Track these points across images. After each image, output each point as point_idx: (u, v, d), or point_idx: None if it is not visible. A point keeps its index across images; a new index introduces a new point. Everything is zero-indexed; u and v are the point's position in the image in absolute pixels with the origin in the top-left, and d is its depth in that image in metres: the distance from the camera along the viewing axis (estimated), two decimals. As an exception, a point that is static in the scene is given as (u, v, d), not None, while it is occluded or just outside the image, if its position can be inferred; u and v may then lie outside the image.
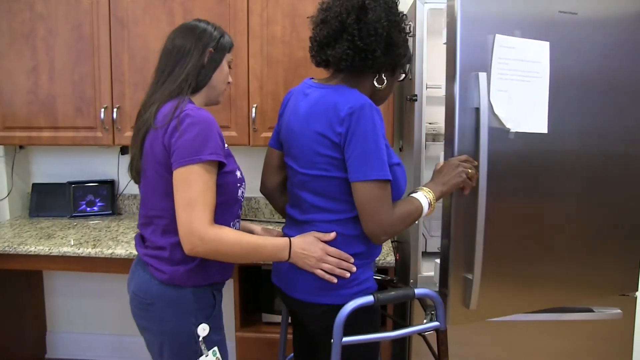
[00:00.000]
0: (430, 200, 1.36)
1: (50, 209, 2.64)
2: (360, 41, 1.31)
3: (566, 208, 1.65)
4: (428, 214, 1.38)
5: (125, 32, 2.27)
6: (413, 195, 1.37)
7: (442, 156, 1.57)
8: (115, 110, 2.30)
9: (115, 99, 2.31)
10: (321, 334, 1.39)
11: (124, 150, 2.64)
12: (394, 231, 1.33)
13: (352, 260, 1.36)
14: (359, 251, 1.38)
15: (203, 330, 1.36)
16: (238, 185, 1.40)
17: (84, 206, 2.64)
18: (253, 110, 2.25)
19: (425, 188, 1.39)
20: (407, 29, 1.40)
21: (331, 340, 1.32)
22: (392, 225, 1.30)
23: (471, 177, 1.44)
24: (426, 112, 1.94)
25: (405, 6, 2.21)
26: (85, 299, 2.78)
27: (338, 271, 1.35)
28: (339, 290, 1.36)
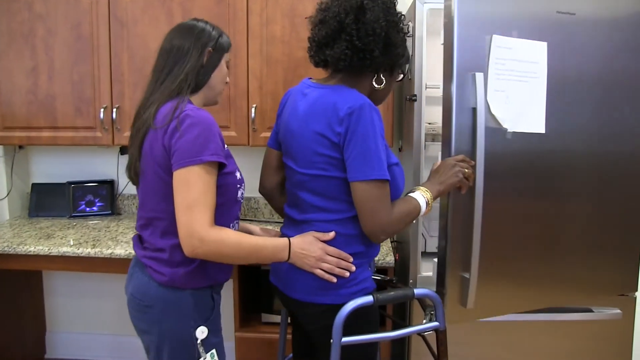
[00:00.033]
0: (427, 199, 1.37)
1: (49, 209, 2.64)
2: (358, 41, 1.31)
3: (564, 208, 1.64)
4: (425, 214, 1.39)
5: (124, 32, 2.27)
6: (411, 194, 1.38)
7: (441, 156, 1.57)
8: (114, 110, 2.30)
9: (114, 99, 2.31)
10: (320, 334, 1.39)
11: (124, 150, 2.63)
12: (393, 230, 1.34)
13: (351, 259, 1.36)
14: (358, 251, 1.38)
15: (202, 332, 1.35)
16: (238, 186, 1.39)
17: (84, 206, 2.63)
18: (252, 110, 2.25)
19: (422, 187, 1.39)
20: (406, 29, 1.40)
21: (330, 340, 1.32)
22: (391, 224, 1.31)
23: (468, 177, 1.44)
24: (426, 112, 1.94)
25: (404, 6, 2.21)
26: (84, 299, 2.78)
27: (337, 270, 1.35)
28: (338, 289, 1.36)
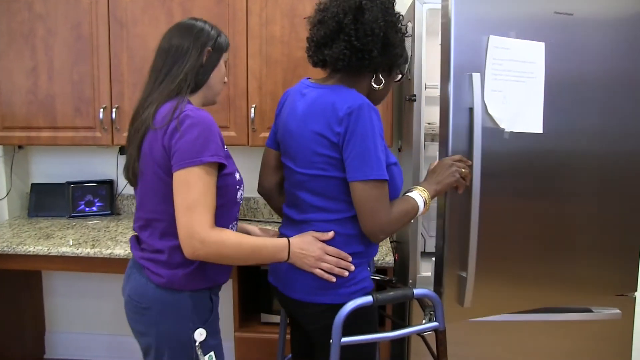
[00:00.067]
0: (425, 199, 1.37)
1: (49, 209, 2.64)
2: (357, 41, 1.31)
3: (563, 208, 1.65)
4: (423, 213, 1.39)
5: (124, 32, 2.27)
6: (409, 194, 1.38)
7: (438, 156, 1.58)
8: (114, 110, 2.30)
9: (114, 99, 2.31)
10: (320, 334, 1.38)
11: (123, 150, 2.63)
12: (392, 230, 1.35)
13: (350, 259, 1.36)
14: (357, 250, 1.38)
15: (200, 335, 1.33)
16: (237, 187, 1.38)
17: (83, 206, 2.63)
18: (252, 110, 2.25)
19: (420, 187, 1.40)
20: (404, 30, 1.40)
21: (329, 339, 1.32)
22: (390, 224, 1.31)
23: (465, 177, 1.45)
24: (425, 112, 1.95)
25: (404, 6, 2.21)
26: (84, 299, 2.78)
27: (337, 270, 1.35)
28: (338, 289, 1.36)
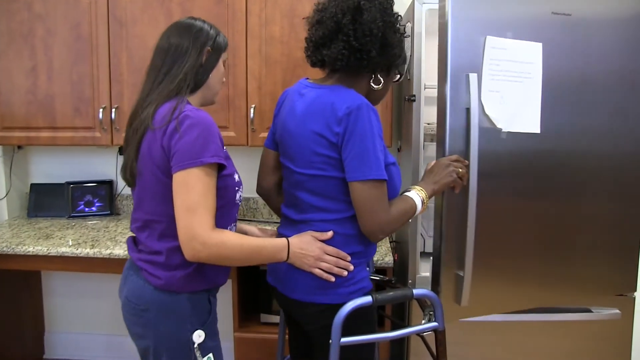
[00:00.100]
0: (423, 198, 1.38)
1: (48, 209, 2.63)
2: (355, 41, 1.31)
3: (561, 208, 1.65)
4: (421, 212, 1.40)
5: (123, 32, 2.27)
6: (406, 194, 1.39)
7: (435, 156, 1.58)
8: (113, 110, 2.30)
9: (113, 99, 2.31)
10: (319, 334, 1.39)
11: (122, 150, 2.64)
12: (391, 229, 1.35)
13: (349, 258, 1.37)
14: (356, 250, 1.38)
15: (199, 337, 1.32)
16: (236, 188, 1.37)
17: (82, 206, 2.63)
18: (251, 110, 2.25)
19: (417, 187, 1.40)
20: (402, 30, 1.41)
21: (329, 339, 1.32)
22: (390, 223, 1.32)
23: (462, 177, 1.47)
24: (424, 113, 1.95)
25: (403, 6, 2.22)
26: (83, 299, 2.78)
27: (336, 270, 1.35)
28: (337, 289, 1.36)
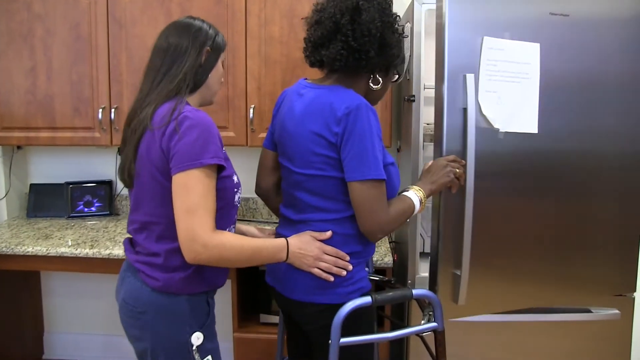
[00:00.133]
0: (420, 198, 1.39)
1: (47, 210, 2.63)
2: (354, 42, 1.31)
3: (558, 207, 1.65)
4: (419, 212, 1.41)
5: (123, 33, 2.27)
6: (405, 193, 1.39)
7: (433, 156, 1.59)
8: (113, 110, 2.30)
9: (113, 100, 2.31)
10: (318, 334, 1.39)
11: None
12: (390, 229, 1.36)
13: (348, 258, 1.37)
14: (355, 250, 1.38)
15: (197, 339, 1.31)
16: (235, 190, 1.36)
17: (82, 207, 2.63)
18: (251, 110, 2.25)
19: (415, 187, 1.41)
20: (401, 30, 1.41)
21: (328, 340, 1.32)
22: (389, 223, 1.32)
23: (459, 177, 1.47)
24: (424, 113, 1.95)
25: (403, 7, 2.22)
26: (82, 300, 2.77)
27: (335, 269, 1.35)
28: (336, 289, 1.36)
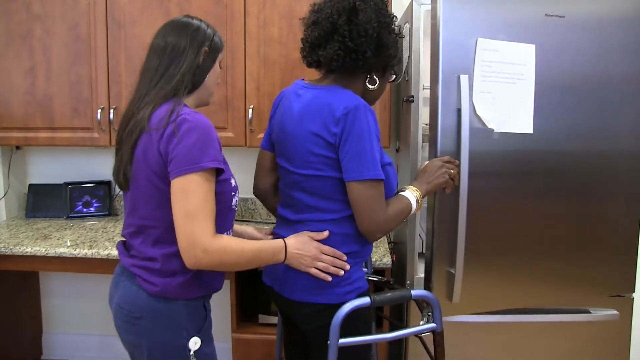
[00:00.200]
0: (417, 197, 1.40)
1: (46, 210, 2.63)
2: (351, 42, 1.32)
3: (556, 208, 1.66)
4: (416, 211, 1.42)
5: (122, 33, 2.27)
6: (402, 193, 1.40)
7: (428, 156, 1.61)
8: (111, 111, 2.30)
9: (112, 100, 2.31)
10: (316, 334, 1.39)
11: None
12: (389, 228, 1.36)
13: (345, 258, 1.37)
14: (353, 250, 1.39)
15: (195, 344, 1.30)
16: (232, 194, 1.34)
17: (81, 207, 2.63)
18: (250, 111, 2.26)
19: (411, 187, 1.42)
20: (397, 30, 1.42)
21: (326, 340, 1.32)
22: (387, 222, 1.33)
23: (453, 178, 1.50)
24: (422, 113, 1.94)
25: (402, 7, 2.22)
26: (81, 300, 2.77)
27: (332, 269, 1.35)
28: (333, 288, 1.36)
